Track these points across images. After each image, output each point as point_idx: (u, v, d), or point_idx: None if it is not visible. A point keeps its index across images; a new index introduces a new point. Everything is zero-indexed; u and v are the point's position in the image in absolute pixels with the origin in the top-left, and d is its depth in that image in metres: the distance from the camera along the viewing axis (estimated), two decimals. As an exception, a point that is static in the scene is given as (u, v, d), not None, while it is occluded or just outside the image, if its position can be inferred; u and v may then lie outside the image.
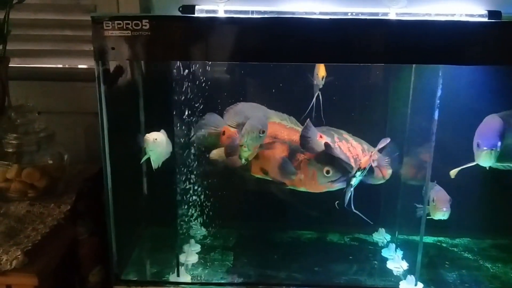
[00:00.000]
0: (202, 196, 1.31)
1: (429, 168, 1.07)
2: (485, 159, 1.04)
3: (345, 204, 1.11)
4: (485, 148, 1.02)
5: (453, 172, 1.09)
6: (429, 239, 1.35)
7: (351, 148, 1.15)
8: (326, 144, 1.12)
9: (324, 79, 1.13)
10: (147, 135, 1.06)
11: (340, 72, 1.17)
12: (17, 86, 1.29)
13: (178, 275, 1.13)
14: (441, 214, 1.09)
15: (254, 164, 1.18)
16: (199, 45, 0.97)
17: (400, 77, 1.23)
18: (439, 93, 1.01)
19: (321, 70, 1.13)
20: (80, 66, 1.45)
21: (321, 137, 1.15)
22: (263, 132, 1.10)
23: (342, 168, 1.14)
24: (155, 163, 1.08)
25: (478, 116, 1.10)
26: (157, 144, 1.05)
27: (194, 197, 1.29)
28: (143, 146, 1.07)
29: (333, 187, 1.15)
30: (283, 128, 1.18)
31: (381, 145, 1.11)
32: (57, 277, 1.03)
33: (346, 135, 1.18)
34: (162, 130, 1.09)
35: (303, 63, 1.09)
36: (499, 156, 1.04)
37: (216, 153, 1.21)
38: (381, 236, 1.36)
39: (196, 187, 1.29)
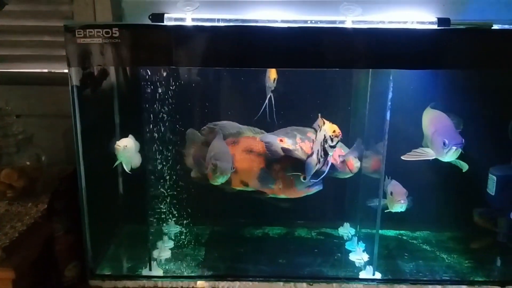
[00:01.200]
0: (176, 194, 1.36)
1: (383, 165, 1.14)
2: (452, 156, 1.10)
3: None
4: (454, 147, 1.08)
5: (405, 157, 1.15)
6: (391, 233, 1.43)
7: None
8: (284, 149, 1.19)
9: (275, 81, 1.19)
10: (117, 142, 1.13)
11: (294, 75, 1.24)
12: (-4, 90, 1.33)
13: (150, 269, 1.19)
14: (399, 206, 1.16)
15: (234, 178, 1.23)
16: (167, 51, 1.03)
17: (359, 79, 1.30)
18: (390, 95, 1.09)
19: (272, 73, 1.19)
20: (58, 71, 1.49)
21: (281, 140, 1.21)
22: (234, 168, 1.17)
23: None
24: (127, 167, 1.14)
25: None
26: (127, 150, 1.12)
27: (167, 196, 1.35)
28: (114, 153, 1.13)
29: (311, 191, 1.22)
30: (257, 141, 1.24)
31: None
32: (34, 272, 1.08)
33: (311, 133, 1.22)
34: (131, 135, 1.16)
35: (265, 68, 1.16)
36: None
37: (196, 172, 1.29)
38: (346, 230, 1.43)
39: (169, 186, 1.35)
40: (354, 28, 1.12)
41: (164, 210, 1.34)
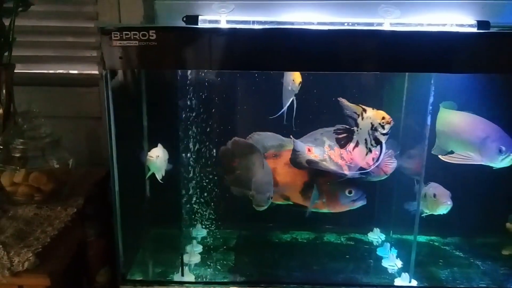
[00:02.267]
0: (204, 199, 1.35)
1: (423, 169, 1.12)
2: (507, 163, 1.10)
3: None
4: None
5: (447, 158, 1.15)
6: (421, 238, 1.40)
7: (344, 153, 1.17)
8: (309, 161, 1.16)
9: (300, 85, 1.14)
10: (149, 153, 1.13)
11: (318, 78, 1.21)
12: (20, 91, 1.31)
13: (182, 275, 1.17)
14: (445, 207, 1.15)
15: (274, 192, 1.20)
16: (204, 54, 1.01)
17: (393, 83, 1.27)
18: (431, 99, 1.07)
19: (297, 76, 1.15)
20: (82, 72, 1.47)
21: (309, 150, 1.18)
22: (271, 197, 1.15)
23: (362, 186, 1.17)
24: (159, 176, 1.14)
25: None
26: (159, 160, 1.11)
27: (197, 200, 1.33)
28: (146, 163, 1.12)
29: (355, 205, 1.19)
30: None
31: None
32: (66, 278, 1.06)
33: None
34: (159, 145, 1.15)
35: (303, 71, 1.13)
36: None
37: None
38: (376, 235, 1.41)
39: (198, 190, 1.33)
40: (392, 30, 1.10)
41: (193, 215, 1.32)
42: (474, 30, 1.17)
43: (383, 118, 1.05)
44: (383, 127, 1.05)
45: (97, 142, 1.46)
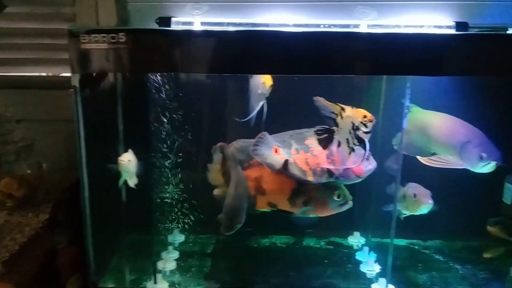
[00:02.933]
0: (180, 203, 1.33)
1: (399, 171, 1.11)
2: (488, 170, 1.09)
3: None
4: (494, 162, 1.07)
5: (426, 161, 1.14)
6: (402, 242, 1.39)
7: (309, 159, 1.14)
8: (286, 164, 1.12)
9: (271, 88, 1.12)
10: (120, 158, 1.10)
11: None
12: (-4, 94, 1.30)
13: (155, 282, 1.15)
14: (426, 207, 1.14)
15: (260, 200, 1.19)
16: (175, 57, 0.99)
17: (370, 85, 1.26)
18: (407, 102, 1.05)
19: (267, 79, 1.12)
20: (60, 74, 1.45)
21: (276, 151, 1.15)
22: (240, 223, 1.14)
23: (349, 189, 1.16)
24: (132, 182, 1.11)
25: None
26: (130, 164, 1.09)
27: (172, 204, 1.31)
28: (117, 169, 1.09)
29: (342, 209, 1.18)
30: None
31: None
32: (35, 286, 1.04)
33: (310, 139, 1.15)
34: (130, 150, 1.13)
35: (278, 74, 1.11)
36: None
37: (221, 190, 1.22)
38: (355, 239, 1.39)
39: (174, 195, 1.31)
40: (369, 32, 1.08)
41: (169, 220, 1.30)
42: (452, 31, 1.15)
43: (365, 116, 1.04)
44: (365, 125, 1.04)
45: (75, 146, 1.43)
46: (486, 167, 1.08)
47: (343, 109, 1.05)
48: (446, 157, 1.13)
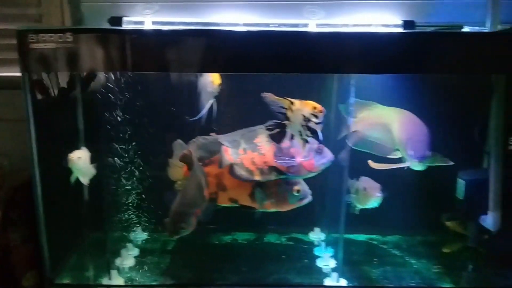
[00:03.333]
0: (140, 201, 1.34)
1: (346, 168, 1.14)
2: (418, 167, 1.12)
3: None
4: (417, 160, 1.10)
5: (375, 165, 1.17)
6: (362, 237, 1.41)
7: (256, 159, 1.17)
8: (231, 166, 1.15)
9: (220, 87, 1.15)
10: (70, 154, 1.10)
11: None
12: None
13: (110, 278, 1.17)
14: (375, 200, 1.16)
15: (221, 196, 1.21)
16: (123, 56, 1.01)
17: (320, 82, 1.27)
18: (352, 100, 1.07)
19: (216, 78, 1.15)
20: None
21: (226, 151, 1.17)
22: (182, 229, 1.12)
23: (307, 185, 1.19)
24: (84, 179, 1.13)
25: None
26: (81, 161, 1.10)
27: (130, 202, 1.33)
28: (68, 166, 1.10)
29: (302, 203, 1.21)
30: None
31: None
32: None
33: (260, 137, 1.18)
34: (83, 147, 1.14)
35: (228, 73, 1.13)
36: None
37: (182, 184, 1.23)
38: (316, 235, 1.41)
39: (132, 193, 1.33)
40: (317, 31, 1.10)
41: (127, 218, 1.32)
42: (400, 30, 1.18)
43: (315, 108, 1.05)
44: (316, 116, 1.05)
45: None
46: (415, 165, 1.10)
47: (292, 102, 1.06)
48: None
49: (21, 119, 1.42)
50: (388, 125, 1.21)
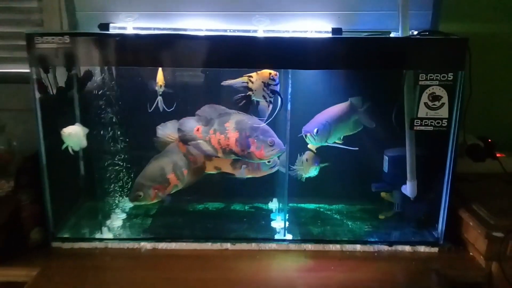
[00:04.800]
0: (127, 172, 1.61)
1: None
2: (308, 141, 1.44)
3: None
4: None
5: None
6: (312, 206, 1.68)
7: (222, 140, 1.40)
8: (193, 145, 1.42)
9: (162, 87, 1.39)
10: (63, 129, 1.37)
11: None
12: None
13: (101, 233, 1.45)
14: (314, 169, 1.49)
15: (209, 164, 1.50)
16: (108, 54, 1.29)
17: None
18: (289, 90, 1.35)
19: (159, 78, 1.39)
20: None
21: (198, 130, 1.43)
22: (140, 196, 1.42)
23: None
24: (74, 149, 1.40)
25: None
26: (72, 135, 1.37)
27: (120, 172, 1.60)
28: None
29: (272, 170, 1.51)
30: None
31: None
32: (4, 234, 1.34)
33: (230, 122, 1.40)
34: (77, 123, 1.41)
35: (194, 68, 1.41)
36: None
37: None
38: (274, 204, 1.68)
39: (125, 166, 1.60)
40: (264, 36, 1.38)
41: (116, 187, 1.59)
42: (329, 35, 1.45)
43: (270, 73, 1.32)
44: (273, 80, 1.32)
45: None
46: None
47: (250, 76, 1.33)
48: None
49: (26, 109, 1.69)
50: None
